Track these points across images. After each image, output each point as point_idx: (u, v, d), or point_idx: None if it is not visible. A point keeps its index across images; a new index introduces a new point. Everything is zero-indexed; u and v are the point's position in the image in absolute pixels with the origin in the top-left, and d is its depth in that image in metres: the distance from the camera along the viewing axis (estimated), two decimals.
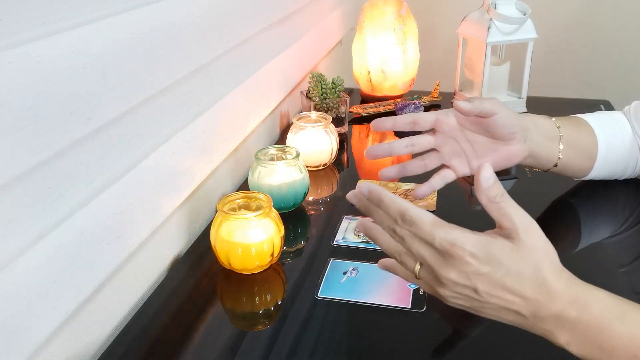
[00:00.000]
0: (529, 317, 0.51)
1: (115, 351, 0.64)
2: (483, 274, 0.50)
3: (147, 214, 0.71)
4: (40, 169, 0.52)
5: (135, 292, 0.73)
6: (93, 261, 0.61)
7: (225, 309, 0.71)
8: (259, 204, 0.75)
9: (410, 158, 0.80)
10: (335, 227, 0.84)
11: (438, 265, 0.51)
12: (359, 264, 0.75)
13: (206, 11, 0.81)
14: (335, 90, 1.15)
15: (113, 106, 0.62)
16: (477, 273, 0.50)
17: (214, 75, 0.86)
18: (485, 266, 0.50)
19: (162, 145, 0.73)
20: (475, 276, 0.50)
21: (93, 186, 0.60)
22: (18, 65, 0.48)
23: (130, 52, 0.64)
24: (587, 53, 1.92)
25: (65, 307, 0.58)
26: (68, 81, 0.54)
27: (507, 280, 0.50)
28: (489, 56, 1.22)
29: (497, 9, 1.20)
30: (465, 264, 0.50)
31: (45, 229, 0.54)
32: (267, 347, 0.62)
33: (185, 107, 0.78)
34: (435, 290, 0.54)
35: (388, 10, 1.33)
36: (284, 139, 1.06)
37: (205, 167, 0.86)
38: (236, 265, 0.73)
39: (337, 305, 0.68)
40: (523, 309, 0.51)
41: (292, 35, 1.22)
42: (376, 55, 1.35)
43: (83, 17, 0.56)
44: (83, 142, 0.58)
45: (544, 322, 0.50)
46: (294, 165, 0.87)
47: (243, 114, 0.98)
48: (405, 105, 1.24)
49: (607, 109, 1.29)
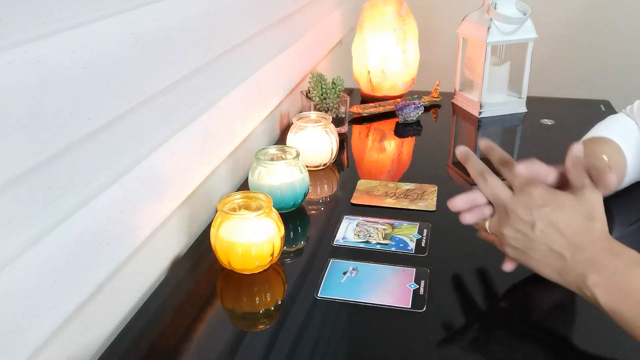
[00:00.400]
0: (568, 258, 0.60)
1: (115, 351, 0.64)
2: (544, 211, 0.61)
3: (147, 214, 0.71)
4: (40, 169, 0.52)
5: (135, 292, 0.73)
6: (93, 261, 0.61)
7: (225, 309, 0.71)
8: (259, 204, 0.75)
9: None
10: (335, 227, 0.84)
11: (511, 201, 0.63)
12: (359, 264, 0.75)
13: (206, 11, 0.81)
14: (335, 90, 1.15)
15: (113, 106, 0.62)
16: (539, 210, 0.61)
17: (214, 75, 0.86)
18: (548, 205, 0.61)
19: (162, 145, 0.73)
20: (537, 212, 0.61)
21: (93, 186, 0.60)
22: (18, 65, 0.48)
23: (130, 52, 0.64)
24: (587, 53, 1.92)
25: (65, 307, 0.58)
26: (68, 81, 0.54)
27: (561, 221, 0.60)
28: (489, 56, 1.22)
29: (497, 9, 1.20)
30: (533, 199, 0.62)
31: (45, 229, 0.54)
32: (267, 347, 0.62)
33: (185, 107, 0.78)
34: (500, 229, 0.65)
35: (388, 10, 1.33)
36: (284, 139, 1.06)
37: (205, 167, 0.86)
38: (236, 265, 0.73)
39: (337, 305, 0.68)
40: (566, 250, 0.60)
41: (292, 35, 1.22)
42: (376, 55, 1.35)
43: (83, 17, 0.56)
44: (83, 142, 0.58)
45: (580, 263, 0.59)
46: (294, 165, 0.87)
47: (243, 114, 0.98)
48: (405, 105, 1.24)
49: (607, 109, 1.29)
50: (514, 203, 0.63)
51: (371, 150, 1.15)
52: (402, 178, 1.01)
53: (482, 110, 1.27)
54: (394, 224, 0.84)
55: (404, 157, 1.12)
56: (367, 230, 0.83)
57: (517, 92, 1.30)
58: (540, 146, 1.13)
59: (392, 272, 0.73)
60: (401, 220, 0.85)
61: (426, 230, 0.83)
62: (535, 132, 1.20)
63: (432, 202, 0.90)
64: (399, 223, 0.85)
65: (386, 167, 1.07)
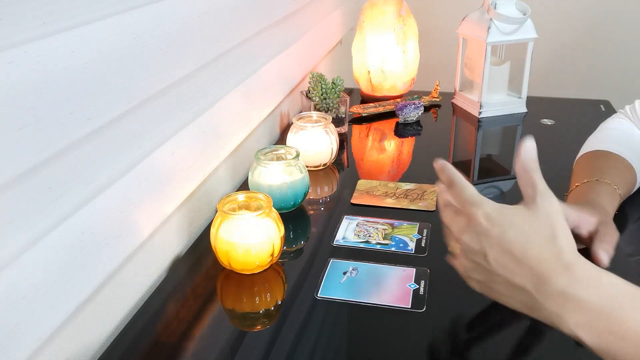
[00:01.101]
0: (534, 292, 0.49)
1: (115, 351, 0.64)
2: (492, 236, 0.51)
3: (147, 213, 0.71)
4: (40, 168, 0.52)
5: (135, 292, 0.73)
6: (93, 261, 0.61)
7: (225, 309, 0.71)
8: (259, 204, 0.75)
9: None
10: (335, 227, 0.84)
11: (458, 228, 0.54)
12: (359, 264, 0.75)
13: (206, 11, 0.81)
14: (335, 90, 1.15)
15: (113, 106, 0.62)
16: (487, 235, 0.51)
17: (214, 75, 0.86)
18: (496, 227, 0.51)
19: (162, 145, 0.73)
20: (485, 238, 0.51)
21: (93, 186, 0.60)
22: (18, 65, 0.48)
23: (130, 52, 0.64)
24: (587, 53, 1.92)
25: (65, 307, 0.58)
26: (68, 81, 0.54)
27: (515, 245, 0.50)
28: (489, 56, 1.22)
29: (497, 9, 1.20)
30: (477, 224, 0.52)
31: (45, 229, 0.54)
32: (267, 347, 0.62)
33: (185, 107, 0.78)
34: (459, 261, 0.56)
35: (388, 10, 1.33)
36: (284, 139, 1.06)
37: (205, 167, 0.86)
38: (236, 266, 0.73)
39: (337, 305, 0.68)
40: (528, 282, 0.49)
41: (292, 35, 1.22)
42: (376, 55, 1.35)
43: (83, 17, 0.56)
44: (83, 142, 0.58)
45: (550, 299, 0.48)
46: (294, 165, 0.87)
47: (243, 114, 0.98)
48: (405, 105, 1.24)
49: (607, 109, 1.29)
50: (460, 231, 0.54)
51: (371, 150, 1.15)
52: (402, 178, 1.01)
53: (482, 110, 1.27)
54: (394, 224, 0.84)
55: (404, 157, 1.12)
56: (367, 230, 0.83)
57: (517, 92, 1.30)
58: (540, 146, 1.13)
59: (392, 272, 0.73)
60: (401, 220, 0.85)
61: (426, 230, 0.83)
62: (535, 132, 1.20)
63: (432, 202, 0.90)
64: (398, 223, 0.85)
65: (386, 167, 1.07)
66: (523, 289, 0.50)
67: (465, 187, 0.54)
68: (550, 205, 0.51)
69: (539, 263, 0.49)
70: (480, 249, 0.52)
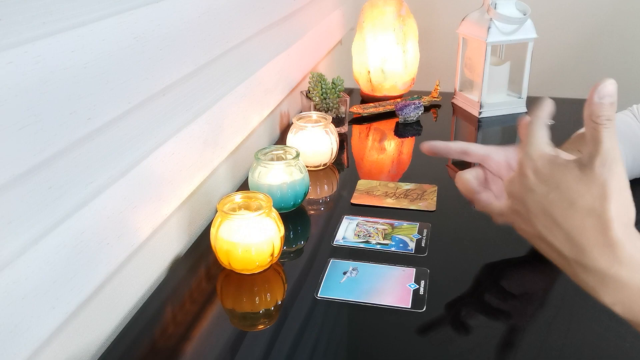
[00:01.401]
0: (571, 261, 0.46)
1: (115, 351, 0.64)
2: (537, 193, 0.48)
3: (147, 214, 0.71)
4: (40, 169, 0.52)
5: (135, 292, 0.73)
6: (93, 261, 0.61)
7: (225, 309, 0.71)
8: (259, 204, 0.75)
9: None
10: (335, 227, 0.84)
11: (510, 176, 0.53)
12: (359, 264, 0.75)
13: (206, 11, 0.81)
14: (335, 90, 1.15)
15: (113, 106, 0.62)
16: (531, 189, 0.49)
17: (214, 75, 0.86)
18: (541, 186, 0.48)
19: (162, 145, 0.73)
20: (529, 193, 0.49)
21: (93, 186, 0.60)
22: (18, 65, 0.48)
23: (130, 52, 0.64)
24: (587, 53, 1.92)
25: (65, 307, 0.58)
26: (68, 81, 0.54)
27: (557, 210, 0.46)
28: (489, 56, 1.22)
29: (497, 9, 1.20)
30: (524, 176, 0.49)
31: (45, 229, 0.54)
32: (267, 347, 0.62)
33: (185, 107, 0.78)
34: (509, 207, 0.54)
35: (388, 10, 1.34)
36: (284, 139, 1.06)
37: (205, 167, 0.86)
38: (236, 266, 0.73)
39: (337, 305, 0.68)
40: (566, 249, 0.46)
41: (292, 35, 1.22)
42: (376, 55, 1.35)
43: (83, 17, 0.56)
44: (83, 142, 0.58)
45: (586, 273, 0.45)
46: (294, 165, 0.87)
47: (243, 114, 0.98)
48: (405, 105, 1.24)
49: None
50: (510, 180, 0.53)
51: (371, 150, 1.15)
52: (402, 178, 1.01)
53: (482, 110, 1.27)
54: (394, 224, 0.84)
55: (404, 157, 1.12)
56: (367, 230, 0.83)
57: (517, 92, 1.30)
58: None
59: (392, 272, 0.73)
60: (401, 220, 0.85)
61: (426, 230, 0.83)
62: None
63: (432, 202, 0.90)
64: (398, 223, 0.85)
65: (386, 167, 1.07)
66: (560, 254, 0.48)
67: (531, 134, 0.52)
68: (610, 173, 0.44)
69: (579, 234, 0.45)
70: (522, 199, 0.50)
